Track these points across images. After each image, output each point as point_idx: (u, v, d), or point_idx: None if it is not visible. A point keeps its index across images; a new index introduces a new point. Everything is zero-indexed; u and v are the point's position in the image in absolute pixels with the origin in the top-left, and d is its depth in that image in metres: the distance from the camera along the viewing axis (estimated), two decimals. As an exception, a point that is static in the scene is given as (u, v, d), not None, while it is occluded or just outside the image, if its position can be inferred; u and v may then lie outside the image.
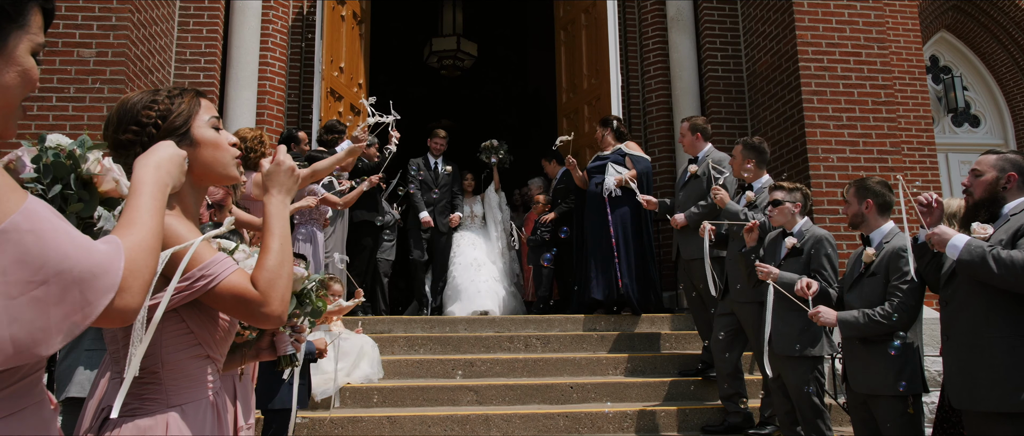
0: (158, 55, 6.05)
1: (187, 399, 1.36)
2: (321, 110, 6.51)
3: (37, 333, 0.82)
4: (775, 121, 6.29)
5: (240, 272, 1.31)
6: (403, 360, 5.17)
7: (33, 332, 0.82)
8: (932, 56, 8.79)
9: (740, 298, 4.34)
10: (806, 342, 3.74)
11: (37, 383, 0.97)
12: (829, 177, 5.68)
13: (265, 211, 1.43)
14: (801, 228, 3.93)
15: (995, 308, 2.72)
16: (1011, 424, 2.64)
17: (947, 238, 2.78)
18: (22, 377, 0.92)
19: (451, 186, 6.99)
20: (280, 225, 1.41)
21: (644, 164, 5.95)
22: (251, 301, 1.29)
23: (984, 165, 2.91)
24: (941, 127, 8.73)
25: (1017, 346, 2.66)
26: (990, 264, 2.63)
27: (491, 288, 6.65)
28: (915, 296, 3.20)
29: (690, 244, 4.96)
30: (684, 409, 4.70)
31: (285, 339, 1.59)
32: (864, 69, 5.90)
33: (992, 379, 2.68)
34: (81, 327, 0.87)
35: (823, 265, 3.77)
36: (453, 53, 10.46)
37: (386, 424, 4.43)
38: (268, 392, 3.31)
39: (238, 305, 1.30)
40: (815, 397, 3.77)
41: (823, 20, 5.93)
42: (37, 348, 0.83)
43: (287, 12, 7.09)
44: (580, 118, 7.39)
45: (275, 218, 1.41)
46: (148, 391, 1.33)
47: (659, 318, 5.95)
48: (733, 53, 6.92)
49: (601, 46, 6.97)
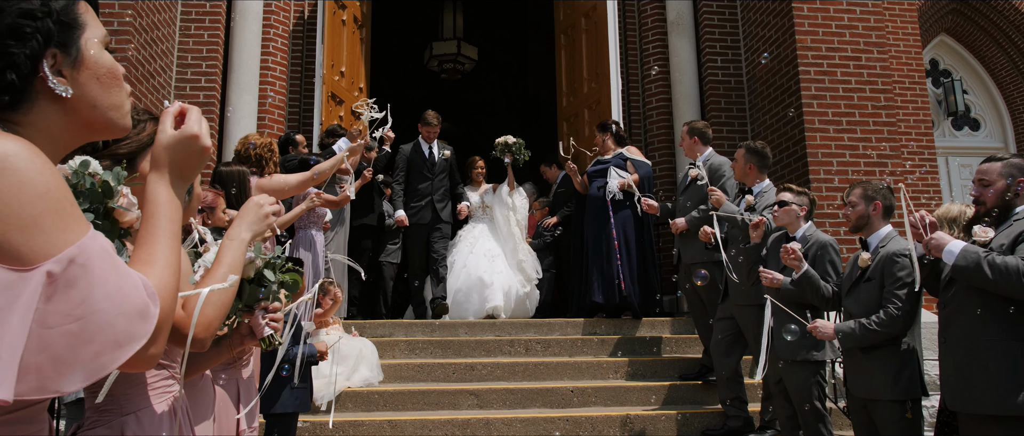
0: (160, 60, 6.07)
1: (139, 406, 1.39)
2: (322, 114, 6.53)
3: (62, 367, 0.82)
4: (775, 125, 6.30)
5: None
6: (404, 364, 5.18)
7: (59, 365, 0.82)
8: (932, 59, 8.81)
9: (740, 301, 4.34)
10: (809, 347, 3.75)
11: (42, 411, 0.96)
12: (829, 181, 5.70)
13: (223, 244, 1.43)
14: (805, 233, 3.95)
15: (990, 312, 2.75)
16: (1005, 427, 2.67)
17: (944, 244, 2.82)
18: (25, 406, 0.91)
19: (449, 172, 6.41)
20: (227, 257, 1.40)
21: (645, 168, 5.96)
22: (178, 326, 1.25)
23: (992, 174, 2.93)
24: (941, 130, 8.74)
25: (1011, 350, 2.70)
26: (985, 270, 2.67)
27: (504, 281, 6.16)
28: (911, 302, 3.21)
29: (690, 248, 4.97)
30: (684, 413, 4.70)
31: (259, 321, 1.59)
32: (864, 73, 5.92)
33: (987, 382, 2.71)
34: (106, 370, 0.85)
35: (827, 271, 3.78)
36: (453, 57, 10.49)
37: (387, 428, 4.43)
38: (269, 397, 3.32)
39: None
40: (817, 401, 3.78)
41: (823, 24, 5.95)
42: (58, 383, 0.82)
43: (288, 16, 7.11)
44: (580, 122, 7.41)
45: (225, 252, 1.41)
46: (105, 403, 1.35)
47: (660, 322, 5.95)
48: (733, 57, 6.94)
49: (601, 50, 6.99)
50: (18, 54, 0.91)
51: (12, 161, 0.83)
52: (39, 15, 0.93)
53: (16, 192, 0.82)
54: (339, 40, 7.03)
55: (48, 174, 0.86)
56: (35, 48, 0.93)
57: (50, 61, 0.95)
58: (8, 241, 0.81)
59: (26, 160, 0.84)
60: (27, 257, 0.81)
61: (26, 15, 0.92)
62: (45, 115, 0.95)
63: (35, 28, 0.93)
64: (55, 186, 0.86)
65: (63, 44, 0.96)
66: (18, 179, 0.83)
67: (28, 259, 0.81)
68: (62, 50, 0.96)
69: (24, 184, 0.83)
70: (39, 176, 0.84)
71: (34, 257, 0.81)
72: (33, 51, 0.93)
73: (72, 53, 0.97)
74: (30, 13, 0.93)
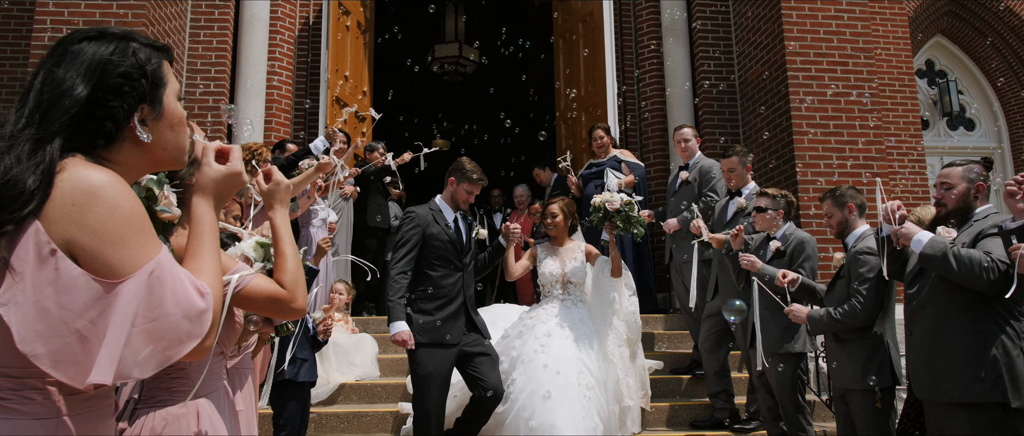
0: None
1: (209, 390, 1.58)
2: (327, 117, 6.73)
3: (139, 358, 1.02)
4: (765, 128, 6.48)
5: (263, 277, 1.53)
6: (405, 358, 5.37)
7: (136, 356, 1.02)
8: (928, 60, 8.95)
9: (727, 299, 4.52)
10: (788, 339, 3.93)
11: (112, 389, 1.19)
12: (815, 183, 5.87)
13: (273, 225, 1.64)
14: (785, 232, 4.13)
15: (956, 305, 2.91)
16: (969, 414, 2.83)
17: (913, 234, 2.96)
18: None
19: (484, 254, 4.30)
20: (287, 234, 1.63)
21: (639, 170, 6.15)
22: (281, 299, 1.49)
23: (954, 177, 3.08)
24: (936, 131, 8.87)
25: (975, 341, 2.85)
26: (950, 260, 2.80)
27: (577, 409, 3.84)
28: (874, 294, 3.38)
29: (681, 248, 5.17)
30: (674, 405, 4.89)
31: None
32: (851, 77, 6.09)
33: (952, 372, 2.86)
34: (171, 361, 1.06)
35: (804, 265, 3.96)
36: (455, 59, 10.69)
37: (389, 419, 4.64)
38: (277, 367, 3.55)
39: (271, 304, 1.50)
40: (797, 393, 3.97)
41: (811, 30, 6.12)
42: (134, 370, 1.02)
43: (294, 23, 7.32)
44: (577, 124, 7.59)
45: (282, 229, 1.63)
46: (177, 384, 1.55)
47: (653, 318, 6.14)
48: (726, 61, 7.12)
49: (597, 53, 7.17)
50: (117, 108, 1.12)
51: (107, 189, 1.04)
52: (135, 76, 1.14)
53: (109, 215, 1.03)
54: (343, 45, 7.24)
55: (132, 200, 1.07)
56: (131, 104, 1.14)
57: (139, 114, 1.15)
58: (103, 256, 1.01)
59: (116, 188, 1.05)
60: (116, 270, 1.02)
61: (125, 77, 1.13)
62: (128, 154, 1.15)
63: (132, 88, 1.13)
64: (138, 210, 1.07)
65: (151, 100, 1.16)
66: (111, 204, 1.03)
67: (117, 272, 1.02)
68: (150, 105, 1.16)
69: (115, 209, 1.03)
70: (126, 202, 1.05)
71: (123, 270, 1.02)
72: (129, 106, 1.13)
73: (157, 108, 1.17)
74: (128, 75, 1.13)
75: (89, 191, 1.02)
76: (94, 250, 1.01)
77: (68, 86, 1.08)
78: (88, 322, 0.99)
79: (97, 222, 1.01)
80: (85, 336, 0.99)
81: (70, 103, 1.07)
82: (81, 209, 1.01)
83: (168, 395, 1.54)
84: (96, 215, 1.01)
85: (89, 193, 1.02)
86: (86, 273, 1.00)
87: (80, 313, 0.99)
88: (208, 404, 1.54)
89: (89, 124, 1.09)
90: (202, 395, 1.55)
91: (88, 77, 1.09)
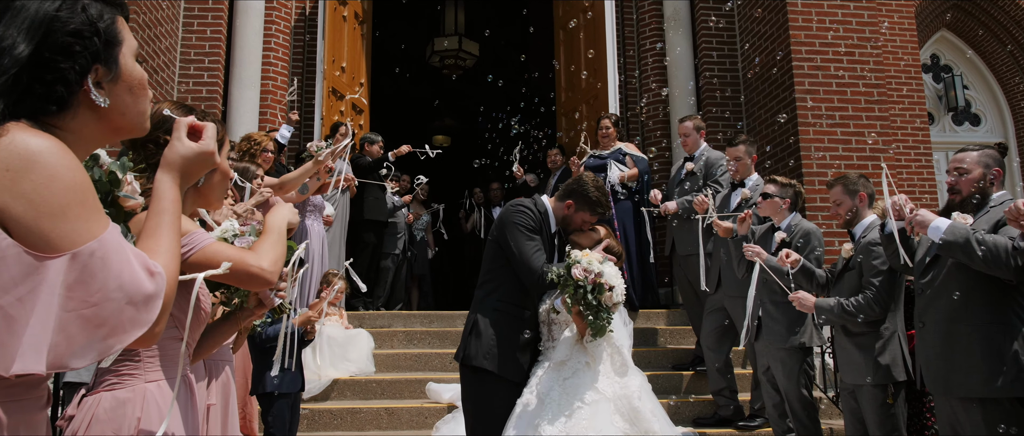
0: (163, 56, 6.17)
1: (161, 377, 1.47)
2: (323, 109, 6.62)
3: (75, 347, 0.92)
4: (769, 120, 6.36)
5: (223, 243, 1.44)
6: (402, 353, 5.27)
7: (72, 345, 0.91)
8: (933, 55, 8.83)
9: (732, 293, 4.41)
10: (795, 333, 3.82)
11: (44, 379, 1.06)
12: (821, 175, 5.75)
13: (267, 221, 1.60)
14: (790, 222, 4.02)
15: (972, 295, 2.78)
16: (984, 409, 2.71)
17: (929, 221, 2.80)
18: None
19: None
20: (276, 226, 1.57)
21: (643, 163, 6.04)
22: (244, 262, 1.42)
23: (969, 162, 2.96)
24: (941, 125, 8.76)
25: (995, 334, 2.72)
26: (974, 246, 2.65)
27: None
28: (888, 287, 3.26)
29: (684, 240, 5.05)
30: (677, 402, 4.78)
31: (268, 294, 1.78)
32: (857, 68, 5.97)
33: (969, 365, 2.74)
34: (113, 350, 0.95)
35: (810, 257, 3.85)
36: (454, 52, 10.56)
37: (384, 416, 4.53)
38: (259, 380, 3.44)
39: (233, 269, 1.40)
40: (804, 389, 3.85)
41: (817, 20, 6.00)
42: (71, 360, 0.92)
43: (289, 12, 7.20)
44: (578, 117, 7.47)
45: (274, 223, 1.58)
46: (126, 368, 1.44)
47: (655, 313, 6.03)
48: (729, 52, 7.00)
49: (599, 45, 7.05)
50: (68, 70, 1.01)
51: (45, 156, 0.93)
52: (86, 34, 1.03)
53: (47, 184, 0.92)
54: (340, 36, 7.12)
55: (76, 170, 0.96)
56: (83, 65, 1.03)
57: (94, 75, 1.04)
58: (39, 228, 0.90)
59: (57, 156, 0.94)
60: (54, 244, 0.91)
61: (75, 35, 1.01)
62: (82, 121, 1.05)
63: (84, 47, 1.02)
64: (82, 181, 0.96)
65: (106, 60, 1.06)
66: (49, 172, 0.92)
67: (55, 246, 0.91)
68: (104, 66, 1.05)
69: (54, 178, 0.93)
70: (68, 171, 0.94)
71: (61, 244, 0.91)
72: (82, 67, 1.02)
73: (112, 69, 1.07)
74: (79, 33, 1.02)
75: (25, 157, 0.91)
76: (29, 221, 0.90)
77: (8, 44, 0.97)
78: (15, 300, 0.88)
79: (33, 191, 0.90)
80: (11, 315, 0.88)
81: (9, 62, 0.96)
82: (15, 176, 0.90)
83: (115, 378, 1.43)
84: (32, 183, 0.91)
85: (25, 159, 0.91)
86: (17, 244, 0.89)
87: (6, 289, 0.88)
88: (158, 390, 1.43)
89: (36, 87, 0.98)
90: (153, 381, 1.44)
91: (30, 35, 0.98)
